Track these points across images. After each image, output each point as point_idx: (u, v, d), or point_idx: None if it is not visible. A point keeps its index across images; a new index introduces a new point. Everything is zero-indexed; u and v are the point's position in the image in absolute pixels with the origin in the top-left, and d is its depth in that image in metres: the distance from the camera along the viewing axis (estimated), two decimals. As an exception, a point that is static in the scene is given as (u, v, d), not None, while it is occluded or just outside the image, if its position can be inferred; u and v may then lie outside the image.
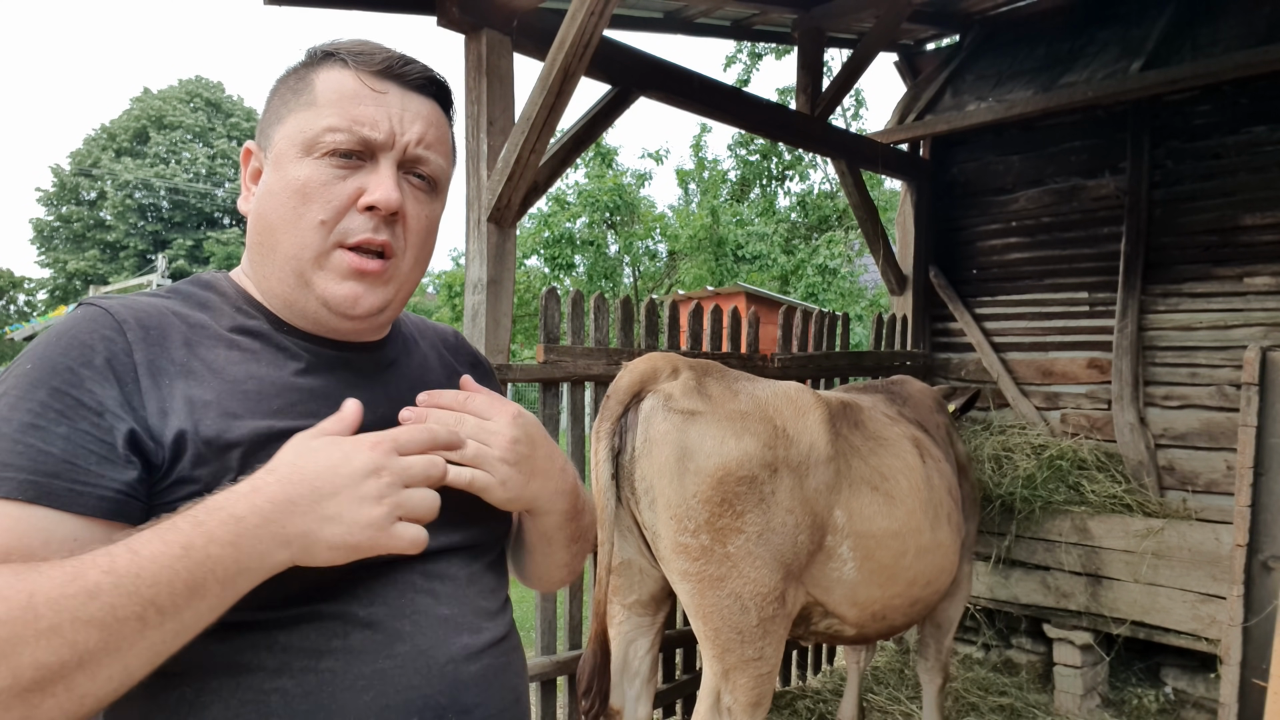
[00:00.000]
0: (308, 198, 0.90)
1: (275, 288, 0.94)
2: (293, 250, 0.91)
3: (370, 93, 0.92)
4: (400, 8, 2.99)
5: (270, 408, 0.87)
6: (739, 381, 2.44)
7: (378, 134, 0.91)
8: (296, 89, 0.94)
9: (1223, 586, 3.55)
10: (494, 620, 0.98)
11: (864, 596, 2.52)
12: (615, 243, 14.37)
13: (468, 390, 0.99)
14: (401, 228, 0.94)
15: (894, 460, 2.65)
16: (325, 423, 0.86)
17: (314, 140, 0.90)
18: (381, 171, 0.91)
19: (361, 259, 0.91)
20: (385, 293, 0.94)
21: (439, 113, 0.99)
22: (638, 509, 2.33)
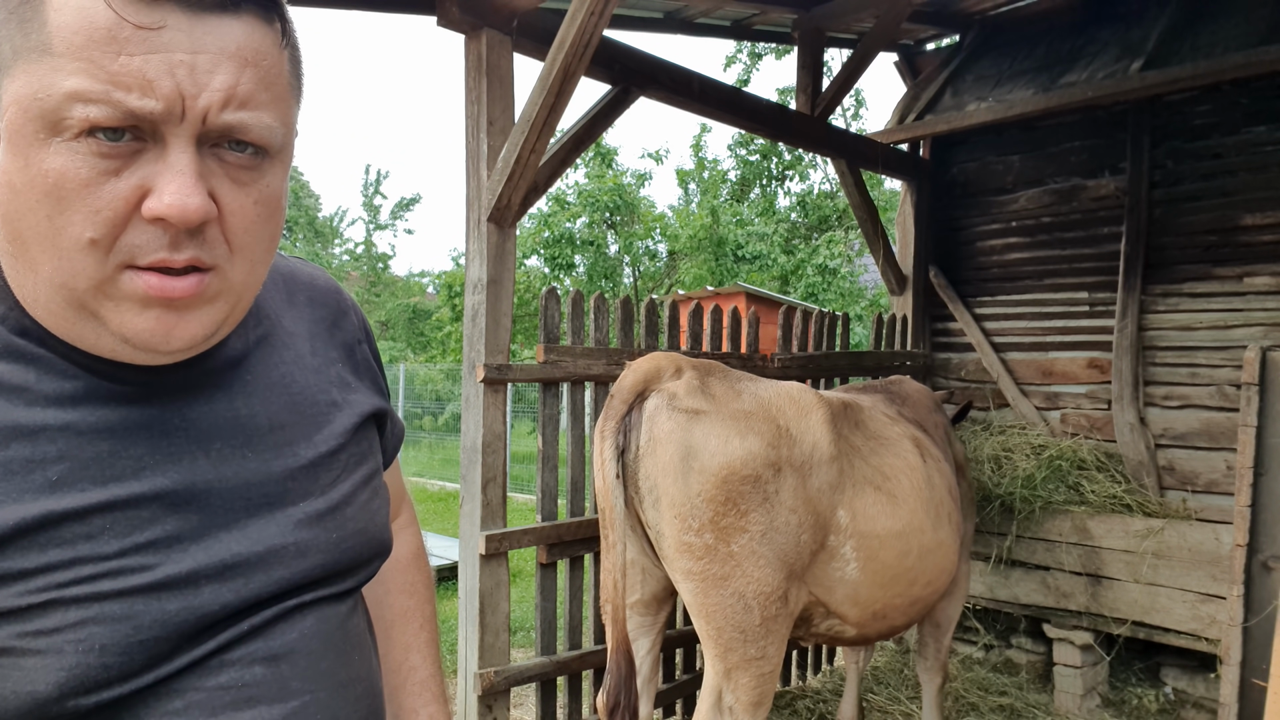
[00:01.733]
0: (64, 203, 0.58)
1: (47, 319, 0.64)
2: (60, 278, 0.61)
3: (135, 31, 0.57)
4: (400, 8, 2.99)
5: (45, 479, 0.62)
6: (742, 381, 2.44)
7: (153, 102, 0.57)
8: (22, 16, 0.58)
9: (1223, 586, 3.55)
10: (354, 695, 0.78)
11: (866, 596, 2.53)
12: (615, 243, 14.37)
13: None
14: (218, 230, 0.64)
15: (896, 460, 2.66)
16: None
17: (57, 113, 0.57)
18: (171, 159, 0.60)
19: (163, 280, 0.61)
20: (210, 314, 0.66)
21: (261, 34, 0.63)
22: (641, 508, 2.34)
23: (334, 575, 0.77)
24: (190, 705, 0.66)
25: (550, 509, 3.12)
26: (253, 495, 0.71)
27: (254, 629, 0.71)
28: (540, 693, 3.13)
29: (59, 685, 0.59)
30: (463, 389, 2.99)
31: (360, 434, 0.83)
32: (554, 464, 3.13)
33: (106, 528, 0.63)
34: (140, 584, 0.63)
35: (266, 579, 0.71)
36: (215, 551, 0.68)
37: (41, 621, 0.59)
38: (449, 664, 4.61)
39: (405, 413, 14.80)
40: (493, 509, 2.92)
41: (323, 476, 0.77)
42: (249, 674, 0.69)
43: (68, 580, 0.61)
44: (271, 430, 0.75)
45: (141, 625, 0.63)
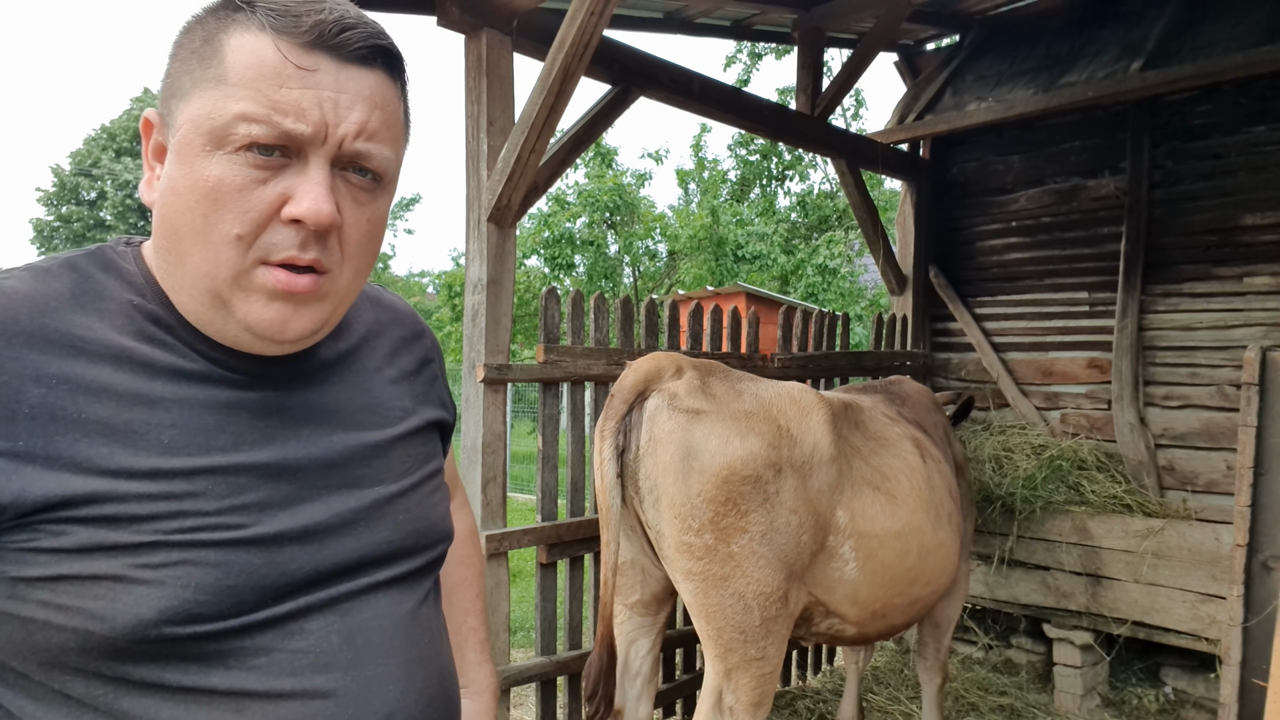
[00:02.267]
0: (220, 204, 0.72)
1: (187, 305, 0.78)
2: (205, 268, 0.74)
3: (295, 71, 0.73)
4: (400, 8, 2.99)
5: (159, 441, 0.74)
6: (742, 381, 2.44)
7: (304, 126, 0.73)
8: (203, 55, 0.74)
9: (1223, 586, 3.55)
10: (425, 673, 0.87)
11: (866, 596, 2.53)
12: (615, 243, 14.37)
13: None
14: (337, 238, 0.77)
15: (895, 460, 2.66)
16: None
17: (224, 131, 0.72)
18: (311, 174, 0.74)
19: (289, 277, 0.75)
20: (319, 312, 0.79)
21: (387, 87, 0.79)
22: (641, 508, 2.34)
23: (401, 554, 0.87)
24: (272, 662, 0.75)
25: (550, 509, 3.12)
26: (333, 475, 0.83)
27: (331, 600, 0.80)
28: (540, 693, 3.13)
29: (159, 611, 0.70)
30: (463, 389, 2.98)
31: (425, 437, 0.96)
32: (554, 464, 3.13)
33: (208, 489, 0.74)
34: (233, 538, 0.74)
35: (340, 548, 0.81)
36: (299, 518, 0.79)
37: (149, 557, 0.70)
38: (449, 664, 4.61)
39: (405, 413, 14.72)
40: (493, 509, 2.92)
41: (394, 467, 0.89)
42: (326, 643, 0.79)
43: (172, 528, 0.72)
44: (352, 425, 0.87)
45: (231, 572, 0.73)
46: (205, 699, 0.73)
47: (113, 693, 0.71)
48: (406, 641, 0.85)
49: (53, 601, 0.69)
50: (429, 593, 0.92)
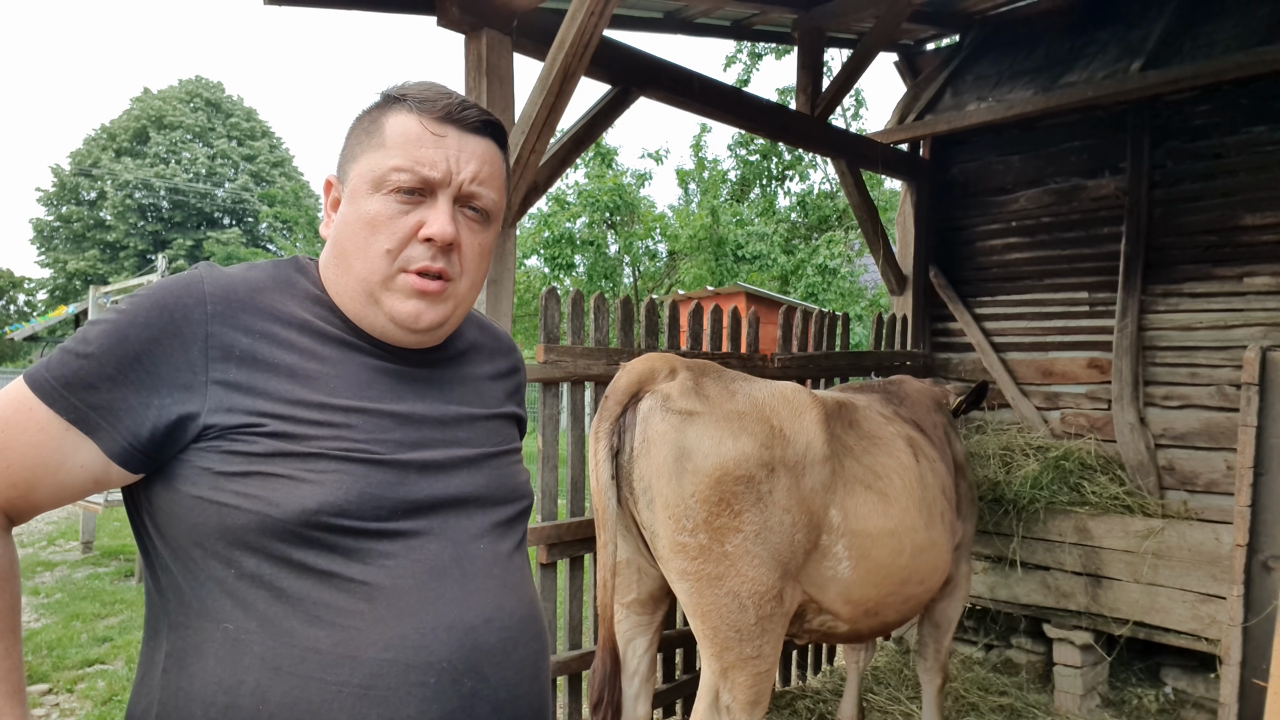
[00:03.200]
0: (376, 229, 1.02)
1: (348, 304, 1.06)
2: (364, 273, 1.03)
3: (431, 136, 1.03)
4: (400, 8, 2.99)
5: (327, 385, 1.00)
6: (736, 381, 2.44)
7: (436, 173, 1.03)
8: (369, 131, 1.05)
9: (1223, 586, 3.55)
10: (518, 597, 1.08)
11: (858, 594, 2.53)
12: (615, 243, 14.36)
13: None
14: (457, 255, 1.06)
15: (888, 459, 2.66)
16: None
17: (382, 178, 1.02)
18: (439, 207, 1.03)
19: (423, 281, 1.03)
20: (444, 309, 1.07)
21: (494, 150, 1.10)
22: (636, 509, 2.34)
23: (498, 500, 1.11)
24: (399, 565, 0.98)
25: (550, 509, 3.12)
26: (447, 430, 1.09)
27: (446, 528, 1.03)
28: (540, 693, 3.13)
29: (319, 503, 0.94)
30: (463, 389, 2.98)
31: (507, 423, 1.22)
32: (554, 464, 3.13)
33: (359, 423, 1.00)
34: (374, 458, 0.99)
35: (450, 483, 1.06)
36: (421, 455, 1.04)
37: (314, 465, 0.95)
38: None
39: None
40: (493, 509, 2.91)
41: (490, 437, 1.15)
42: (440, 559, 1.01)
43: (332, 446, 0.97)
44: (461, 401, 1.14)
45: (371, 483, 0.98)
46: (345, 584, 0.95)
47: (276, 570, 0.94)
48: (504, 570, 1.08)
49: (243, 491, 0.93)
50: (521, 543, 1.16)
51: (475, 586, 1.03)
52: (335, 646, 0.93)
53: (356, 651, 0.93)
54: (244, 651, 0.92)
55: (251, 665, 0.92)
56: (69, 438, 0.92)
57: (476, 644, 1.00)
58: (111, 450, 0.93)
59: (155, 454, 0.95)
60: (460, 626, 0.99)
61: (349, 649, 0.93)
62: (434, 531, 1.02)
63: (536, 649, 1.10)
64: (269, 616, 0.93)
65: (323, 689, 0.92)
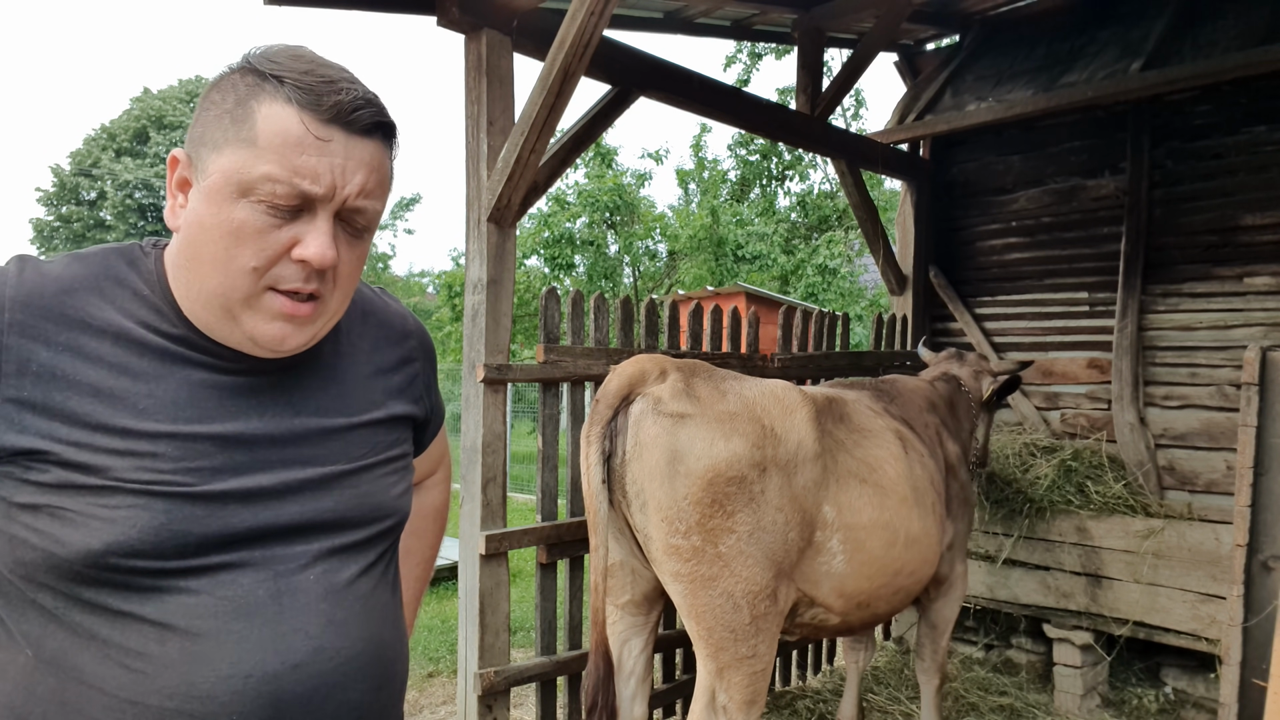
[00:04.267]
0: (241, 241, 0.88)
1: (199, 312, 0.92)
2: (221, 289, 0.90)
3: (315, 141, 0.88)
4: (400, 8, 2.99)
5: (135, 406, 0.88)
6: (726, 381, 2.45)
7: (318, 188, 0.88)
8: (236, 116, 0.88)
9: (1223, 586, 3.55)
10: (349, 635, 0.96)
11: (852, 588, 2.55)
12: (615, 243, 14.37)
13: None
14: (331, 274, 0.93)
15: (879, 451, 2.68)
16: None
17: (251, 185, 0.87)
18: (318, 225, 0.90)
19: (293, 304, 0.91)
20: (312, 329, 0.95)
21: (382, 153, 0.96)
22: (629, 512, 2.34)
23: (346, 524, 0.99)
24: (200, 603, 0.88)
25: (550, 509, 3.12)
26: (287, 450, 0.96)
27: (268, 560, 0.92)
28: (540, 693, 3.13)
29: (105, 544, 0.84)
30: (463, 389, 2.99)
31: (389, 427, 1.08)
32: (554, 464, 3.13)
33: (167, 451, 0.88)
34: (180, 492, 0.87)
35: (281, 510, 0.93)
36: (245, 482, 0.91)
37: (106, 499, 0.85)
38: (449, 664, 4.61)
39: (405, 413, 14.74)
40: (493, 509, 2.92)
41: (351, 450, 1.01)
42: (253, 595, 0.90)
43: (130, 478, 0.86)
44: (315, 411, 1.00)
45: (174, 519, 0.87)
46: (136, 624, 0.87)
47: (67, 606, 0.87)
48: (334, 605, 0.96)
49: (32, 525, 0.85)
50: (373, 565, 1.03)
51: (291, 626, 0.92)
52: (120, 689, 0.86)
53: (141, 697, 0.86)
54: (39, 681, 0.87)
55: (43, 696, 0.87)
56: None
57: (278, 693, 0.90)
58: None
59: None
60: (260, 674, 0.89)
61: (134, 694, 0.86)
62: (252, 564, 0.91)
63: (368, 691, 0.98)
64: (63, 650, 0.87)
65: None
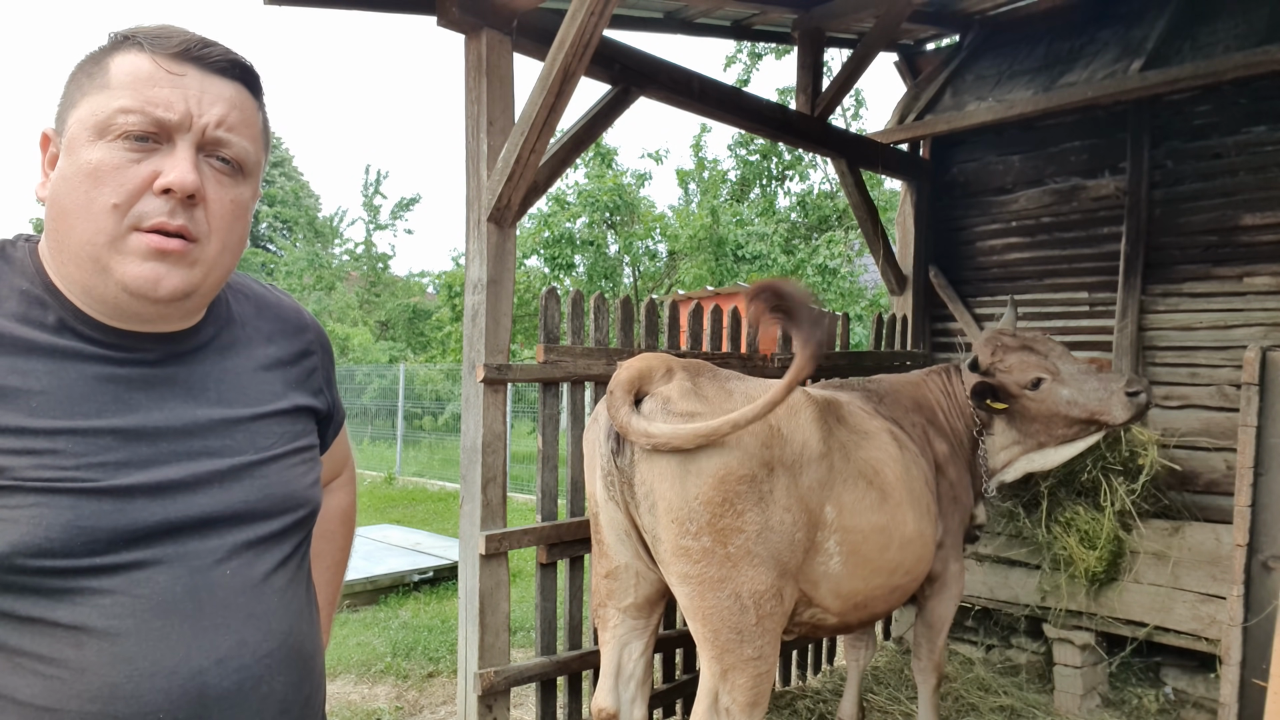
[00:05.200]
0: (100, 181, 0.87)
1: (74, 274, 0.90)
2: (86, 235, 0.88)
3: (166, 75, 0.89)
4: (400, 8, 2.99)
5: (27, 405, 0.86)
6: (730, 381, 2.45)
7: (172, 115, 0.88)
8: (91, 73, 0.90)
9: (1223, 586, 3.54)
10: (266, 628, 0.96)
11: (849, 589, 2.56)
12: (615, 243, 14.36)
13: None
14: (203, 212, 0.91)
15: (878, 452, 2.69)
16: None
17: (106, 123, 0.87)
18: (178, 154, 0.89)
19: (161, 239, 0.88)
20: (190, 275, 0.91)
21: (245, 96, 0.96)
22: (637, 513, 2.34)
23: (258, 515, 0.97)
24: (116, 604, 0.86)
25: (550, 509, 3.12)
26: (193, 442, 0.94)
27: (183, 555, 0.90)
28: (540, 693, 3.13)
29: (10, 545, 0.81)
30: (463, 389, 2.99)
31: (293, 418, 1.07)
32: (554, 464, 3.13)
33: (67, 447, 0.86)
34: (85, 488, 0.85)
35: (192, 503, 0.92)
36: (152, 475, 0.90)
37: (6, 499, 0.82)
38: (449, 664, 4.61)
39: (406, 412, 14.76)
40: (493, 509, 2.92)
41: (257, 441, 1.00)
42: (170, 592, 0.89)
43: (30, 477, 0.83)
44: (216, 401, 0.98)
45: (81, 515, 0.84)
46: (49, 630, 0.84)
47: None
48: (251, 599, 0.95)
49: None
50: (289, 558, 1.02)
51: (211, 621, 0.91)
52: (35, 698, 0.83)
53: (59, 704, 0.83)
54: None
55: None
56: None
57: (204, 689, 0.89)
58: None
59: None
60: (184, 670, 0.88)
61: (50, 700, 0.83)
62: (166, 560, 0.89)
63: (290, 683, 0.98)
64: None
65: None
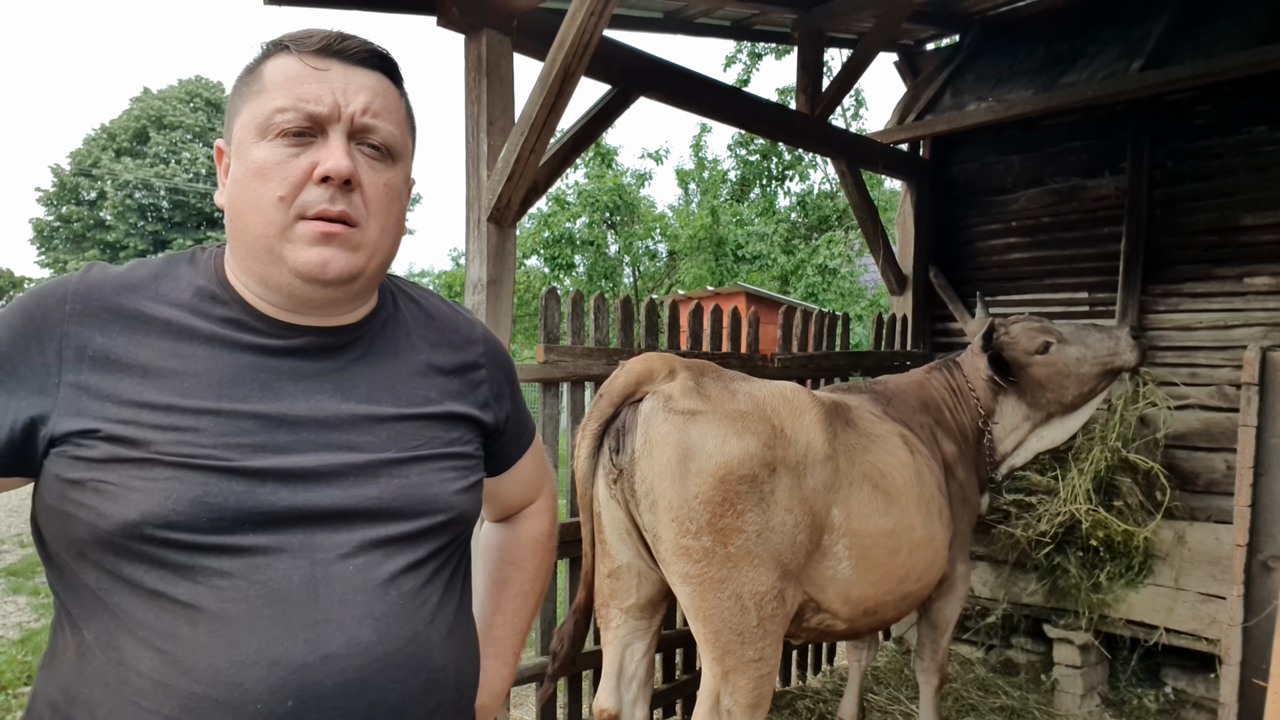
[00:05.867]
0: (266, 177, 0.94)
1: (251, 267, 0.97)
2: (259, 229, 0.95)
3: (312, 71, 0.96)
4: (400, 8, 2.99)
5: (180, 385, 0.92)
6: (735, 381, 2.44)
7: (322, 108, 0.95)
8: (248, 81, 0.99)
9: (1223, 586, 3.55)
10: (383, 631, 0.94)
11: (857, 594, 2.53)
12: (615, 243, 14.37)
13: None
14: (360, 196, 0.97)
15: (887, 456, 2.66)
16: None
17: (266, 123, 0.95)
18: (331, 143, 0.95)
19: (324, 224, 0.94)
20: (355, 258, 0.97)
21: (386, 83, 1.01)
22: (638, 512, 2.33)
23: (392, 514, 0.98)
24: (232, 586, 0.88)
25: (550, 509, 3.12)
26: (333, 435, 0.97)
27: (307, 546, 0.92)
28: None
29: (141, 514, 0.86)
30: (463, 389, 2.98)
31: (448, 425, 1.08)
32: (554, 464, 3.13)
33: (208, 426, 0.91)
34: (218, 466, 0.89)
35: (322, 494, 0.94)
36: (287, 461, 0.93)
37: (145, 472, 0.87)
38: (449, 664, 4.60)
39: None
40: (493, 509, 2.91)
41: (401, 440, 1.01)
42: (288, 582, 0.90)
43: (169, 452, 0.88)
44: (364, 398, 1.01)
45: (210, 493, 0.88)
46: (169, 605, 0.87)
47: (110, 585, 0.88)
48: (372, 599, 0.94)
49: (80, 500, 0.87)
50: (423, 562, 1.00)
51: (324, 616, 0.90)
52: (152, 671, 0.87)
53: (171, 680, 0.86)
54: (87, 663, 0.89)
55: (89, 678, 0.89)
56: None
57: (304, 684, 0.88)
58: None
59: (17, 457, 0.90)
60: (286, 663, 0.88)
61: (164, 676, 0.86)
62: (289, 549, 0.91)
63: (408, 691, 0.96)
64: (107, 631, 0.89)
65: (138, 714, 0.87)
